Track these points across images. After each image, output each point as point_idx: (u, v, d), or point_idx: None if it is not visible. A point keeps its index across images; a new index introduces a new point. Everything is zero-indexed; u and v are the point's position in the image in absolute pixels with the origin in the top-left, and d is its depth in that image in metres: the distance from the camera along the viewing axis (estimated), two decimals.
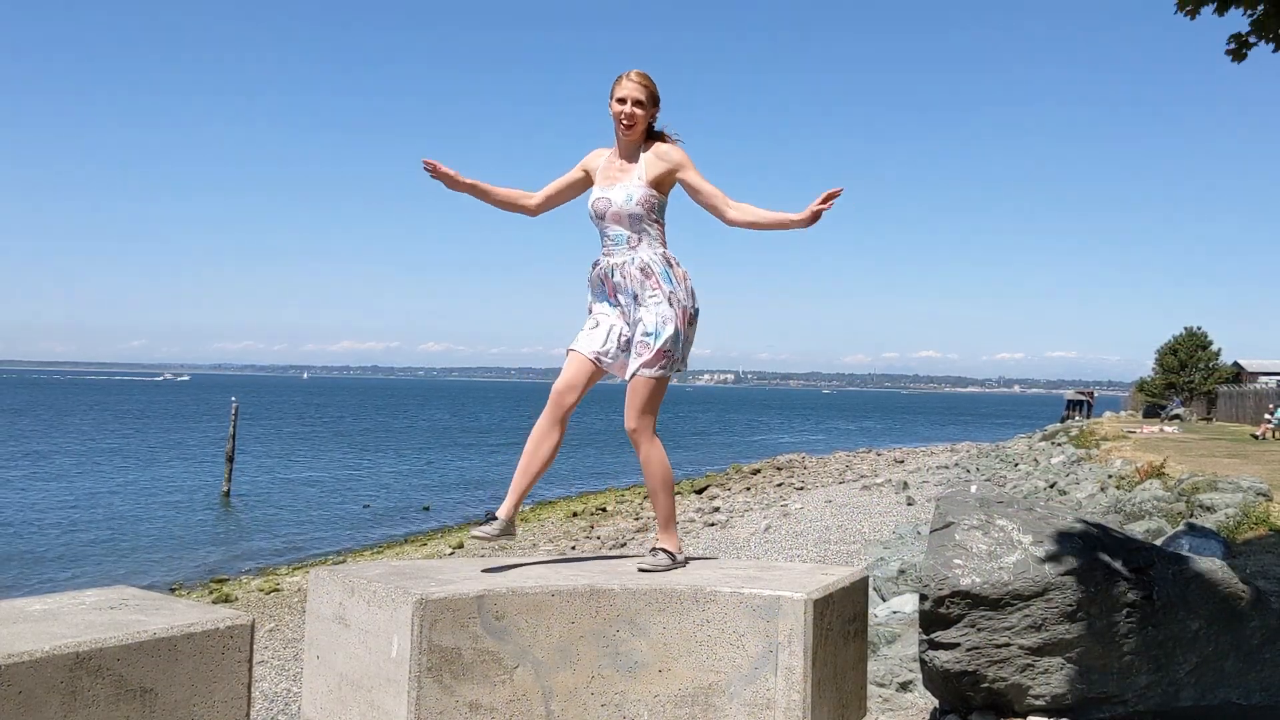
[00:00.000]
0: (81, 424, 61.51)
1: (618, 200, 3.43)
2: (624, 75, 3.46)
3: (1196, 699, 3.28)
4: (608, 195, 3.45)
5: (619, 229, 3.45)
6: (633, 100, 3.42)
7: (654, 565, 3.38)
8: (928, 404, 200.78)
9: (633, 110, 3.42)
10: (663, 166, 3.46)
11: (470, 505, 26.68)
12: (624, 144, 3.50)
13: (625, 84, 3.44)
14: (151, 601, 2.69)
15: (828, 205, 3.34)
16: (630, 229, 3.44)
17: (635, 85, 3.43)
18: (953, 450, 43.21)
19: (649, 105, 3.45)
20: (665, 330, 3.36)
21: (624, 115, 3.42)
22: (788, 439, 59.78)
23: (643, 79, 3.45)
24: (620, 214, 3.43)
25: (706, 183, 3.48)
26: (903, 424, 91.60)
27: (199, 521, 23.73)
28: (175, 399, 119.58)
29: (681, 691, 3.01)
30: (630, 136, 3.46)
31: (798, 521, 19.53)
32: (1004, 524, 3.48)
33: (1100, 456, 20.86)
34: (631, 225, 3.44)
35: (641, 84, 3.43)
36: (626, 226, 3.44)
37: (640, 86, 3.43)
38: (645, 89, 3.44)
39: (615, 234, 3.45)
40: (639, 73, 3.46)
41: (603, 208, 3.45)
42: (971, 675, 3.34)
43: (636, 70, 3.46)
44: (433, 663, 2.82)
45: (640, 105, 3.42)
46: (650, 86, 3.45)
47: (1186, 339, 53.15)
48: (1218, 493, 10.52)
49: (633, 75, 3.45)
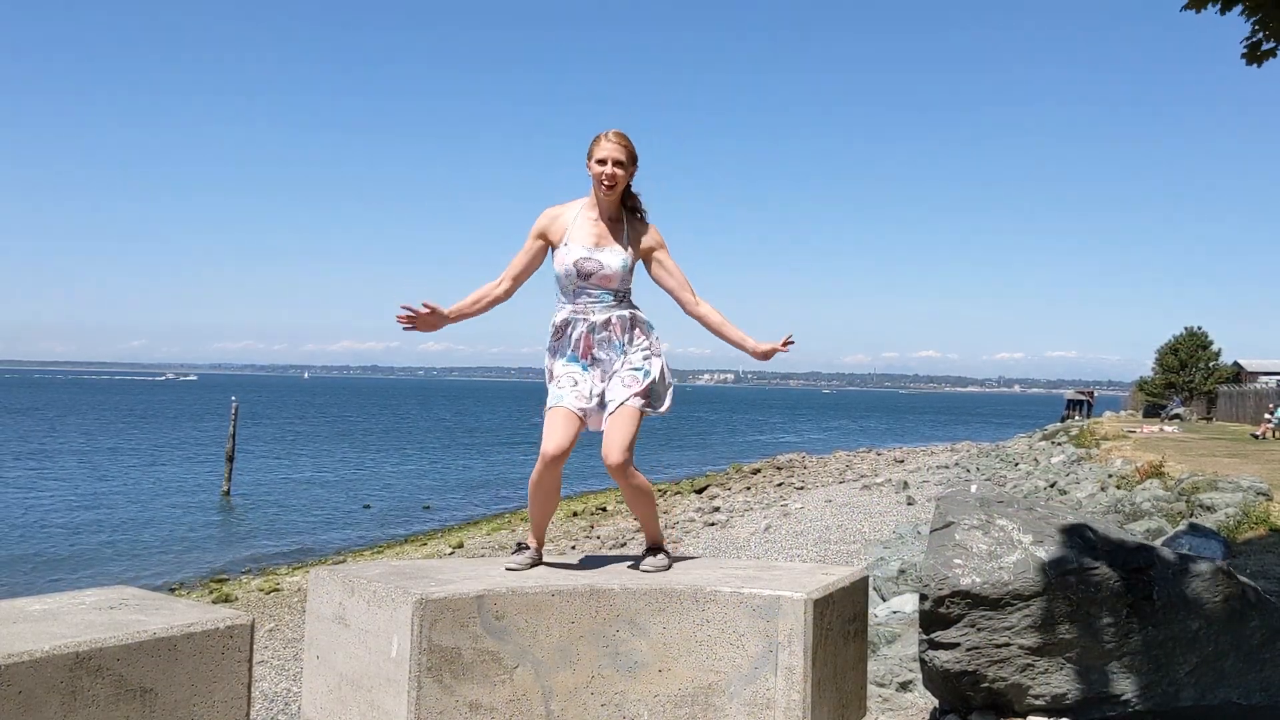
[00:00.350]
0: (82, 423, 61.51)
1: (611, 264, 3.47)
2: (602, 136, 3.50)
3: (1196, 699, 3.28)
4: (597, 258, 3.47)
5: (604, 290, 3.49)
6: (613, 161, 3.45)
7: (656, 566, 3.41)
8: (928, 404, 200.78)
9: (614, 171, 3.45)
10: (648, 243, 3.57)
11: (470, 505, 26.67)
12: (604, 204, 3.53)
13: (605, 145, 3.47)
14: (151, 601, 2.69)
15: (785, 349, 3.58)
16: (618, 288, 3.51)
17: (615, 146, 3.47)
18: (953, 450, 43.20)
19: (629, 165, 3.50)
20: (653, 370, 3.47)
21: (605, 176, 3.45)
22: (788, 439, 59.78)
23: (621, 139, 3.49)
24: (611, 277, 3.48)
25: (678, 269, 3.61)
26: (903, 424, 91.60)
27: (199, 521, 23.72)
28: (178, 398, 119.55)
29: (681, 691, 3.01)
30: (611, 196, 3.51)
31: (798, 521, 19.53)
32: (1004, 524, 3.48)
33: (1100, 456, 20.87)
34: (620, 285, 3.51)
35: (620, 144, 3.48)
36: (615, 286, 3.50)
37: (620, 147, 3.47)
38: (625, 149, 3.48)
39: (599, 294, 3.49)
40: (617, 133, 3.50)
41: (591, 268, 3.46)
42: (971, 675, 3.34)
43: (614, 130, 3.50)
44: (433, 663, 2.82)
45: (620, 165, 3.47)
46: (629, 146, 3.50)
47: (1186, 339, 53.14)
48: (1218, 492, 10.52)
49: (611, 136, 3.49)
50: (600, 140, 3.49)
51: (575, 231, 3.51)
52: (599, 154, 3.46)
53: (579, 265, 3.46)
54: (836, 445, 50.51)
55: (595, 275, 3.46)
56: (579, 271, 3.46)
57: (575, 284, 3.48)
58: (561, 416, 3.37)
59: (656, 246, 3.58)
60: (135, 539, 20.92)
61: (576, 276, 3.47)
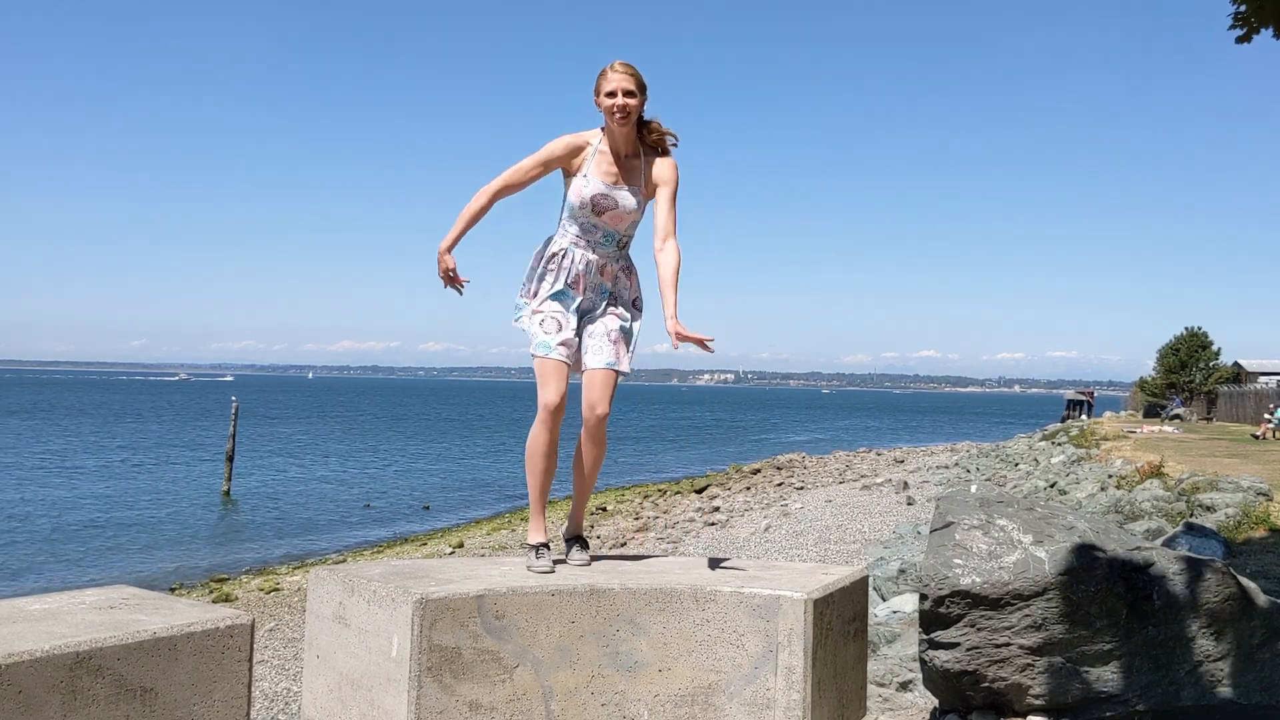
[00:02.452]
0: (88, 423, 61.49)
1: (626, 204, 3.36)
2: (608, 68, 3.36)
3: (1196, 699, 3.28)
4: (613, 195, 3.36)
5: (613, 230, 3.39)
6: (623, 91, 3.31)
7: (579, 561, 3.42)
8: (927, 404, 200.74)
9: (625, 102, 3.31)
10: (659, 179, 3.41)
11: (470, 505, 26.66)
12: (620, 138, 3.38)
13: (612, 76, 3.33)
14: (151, 601, 2.69)
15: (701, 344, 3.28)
16: (626, 232, 3.43)
17: (623, 75, 3.33)
18: (953, 450, 43.19)
19: (639, 94, 3.35)
20: (636, 330, 3.45)
21: (617, 108, 3.31)
22: (787, 439, 59.77)
23: (627, 68, 3.35)
24: (623, 218, 3.38)
25: (669, 211, 3.41)
26: (903, 424, 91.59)
27: (199, 521, 23.72)
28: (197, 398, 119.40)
29: (681, 691, 3.01)
30: (625, 128, 3.36)
31: (798, 521, 19.53)
32: (1004, 523, 3.48)
33: (1100, 456, 20.86)
34: (628, 230, 3.43)
35: (628, 73, 3.34)
36: (624, 230, 3.41)
37: (627, 76, 3.33)
38: (633, 78, 3.34)
39: (608, 233, 3.40)
40: (623, 63, 3.36)
41: (607, 205, 3.36)
42: (971, 675, 3.34)
43: (620, 61, 3.37)
44: (433, 662, 2.82)
45: (631, 95, 3.32)
46: (637, 75, 3.36)
47: (1187, 339, 53.12)
48: (1218, 492, 10.53)
49: (618, 66, 3.35)
50: (606, 73, 3.35)
51: (594, 165, 3.38)
52: (607, 86, 3.32)
53: (595, 200, 3.35)
54: (836, 445, 50.51)
55: (608, 213, 3.36)
56: (591, 205, 3.35)
57: (588, 217, 3.37)
58: (554, 366, 3.30)
59: (663, 183, 3.42)
60: (135, 539, 20.92)
61: (591, 210, 3.36)
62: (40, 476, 31.68)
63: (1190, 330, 53.66)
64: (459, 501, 27.65)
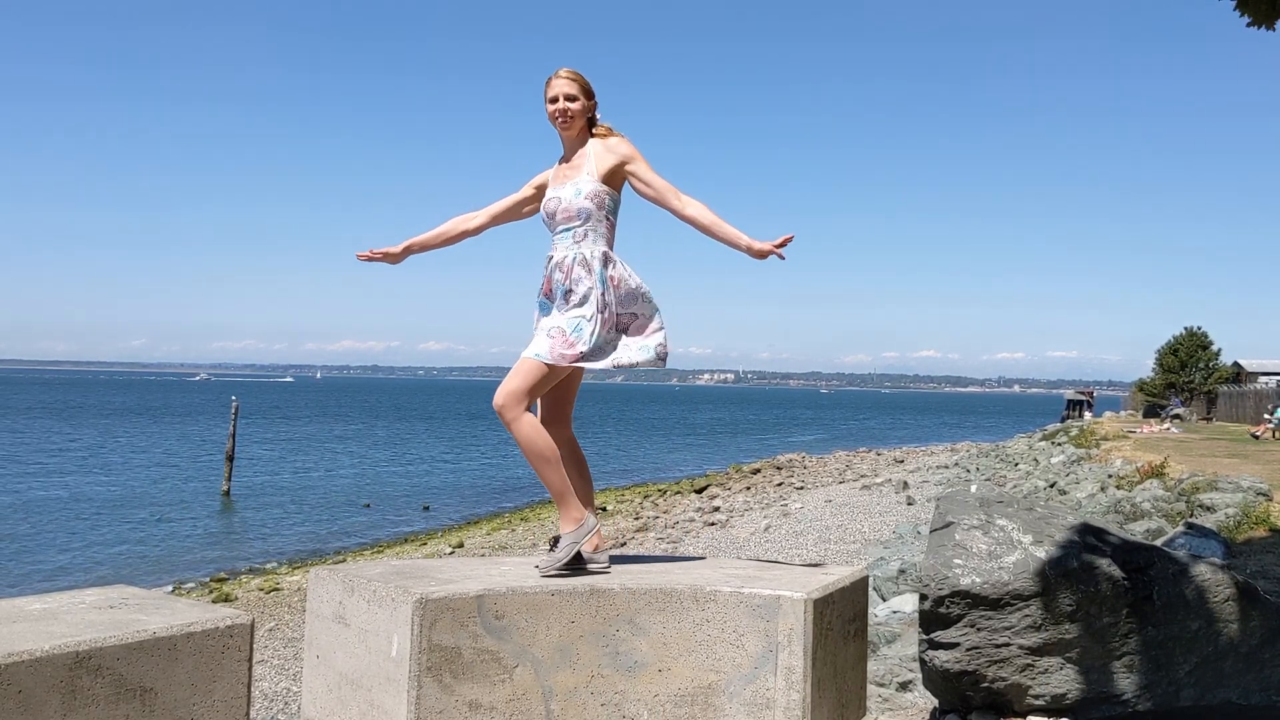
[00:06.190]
0: (90, 424, 61.47)
1: (567, 197, 3.36)
2: (552, 75, 3.42)
3: (1196, 699, 3.28)
4: (558, 194, 3.39)
5: (568, 225, 3.37)
6: (564, 96, 3.37)
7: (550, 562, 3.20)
8: (927, 404, 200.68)
9: (565, 105, 3.37)
10: (612, 160, 3.39)
11: (470, 505, 26.66)
12: (567, 143, 3.46)
13: (554, 83, 3.40)
14: (151, 601, 2.69)
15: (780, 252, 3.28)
16: (580, 223, 3.35)
17: (564, 80, 3.39)
18: (953, 450, 43.20)
19: (583, 97, 3.40)
20: (584, 332, 3.24)
21: (558, 113, 3.38)
22: (787, 439, 59.77)
23: (570, 73, 3.41)
24: (570, 210, 3.34)
25: (657, 177, 3.39)
26: (902, 424, 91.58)
27: (199, 521, 23.73)
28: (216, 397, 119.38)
29: (681, 691, 3.00)
30: (570, 133, 3.42)
31: (798, 521, 19.53)
32: (1004, 524, 3.48)
33: (1100, 456, 20.87)
34: (581, 219, 3.34)
35: (569, 78, 3.39)
36: (576, 221, 3.35)
37: (569, 81, 3.39)
38: (574, 82, 3.39)
39: (564, 232, 3.38)
40: (566, 69, 3.41)
41: (553, 207, 3.38)
42: (971, 675, 3.34)
43: (564, 68, 3.41)
44: (433, 662, 2.82)
45: (573, 99, 3.38)
46: (579, 79, 3.40)
47: (1187, 339, 53.11)
48: (1218, 492, 10.53)
49: (561, 73, 3.41)
50: (550, 80, 3.42)
51: (552, 178, 3.48)
52: (550, 93, 3.40)
53: (544, 206, 3.44)
54: (836, 445, 50.51)
55: (558, 213, 3.38)
56: (545, 213, 3.43)
57: (549, 227, 3.43)
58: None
59: (626, 160, 3.39)
60: (135, 538, 20.93)
61: (546, 218, 3.43)
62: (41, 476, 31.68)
63: (1190, 330, 53.66)
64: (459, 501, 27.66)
